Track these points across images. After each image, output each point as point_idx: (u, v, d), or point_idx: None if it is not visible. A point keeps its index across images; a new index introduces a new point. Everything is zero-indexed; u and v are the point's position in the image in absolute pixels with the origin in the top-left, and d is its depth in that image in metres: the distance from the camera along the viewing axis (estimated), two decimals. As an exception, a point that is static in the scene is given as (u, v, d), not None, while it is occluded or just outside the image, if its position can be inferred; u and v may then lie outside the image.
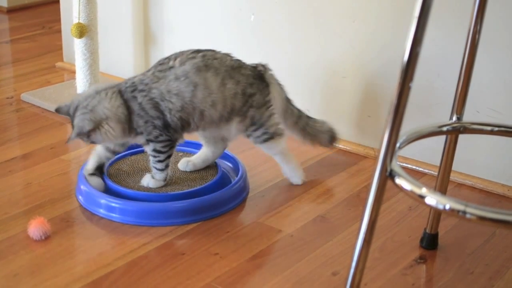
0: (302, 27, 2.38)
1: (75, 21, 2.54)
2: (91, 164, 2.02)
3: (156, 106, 1.92)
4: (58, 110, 1.97)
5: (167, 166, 2.00)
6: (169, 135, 1.95)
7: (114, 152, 2.03)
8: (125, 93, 1.93)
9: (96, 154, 2.02)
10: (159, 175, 2.00)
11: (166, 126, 1.93)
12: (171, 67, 1.94)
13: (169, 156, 1.98)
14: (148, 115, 1.92)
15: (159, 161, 1.98)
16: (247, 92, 1.97)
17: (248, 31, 2.52)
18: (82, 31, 2.53)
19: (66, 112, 1.94)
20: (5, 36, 3.58)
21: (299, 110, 2.14)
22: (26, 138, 2.41)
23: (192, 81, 1.91)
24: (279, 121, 2.06)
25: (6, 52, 3.35)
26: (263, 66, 2.05)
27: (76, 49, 2.61)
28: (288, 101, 2.11)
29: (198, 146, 2.15)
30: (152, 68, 1.98)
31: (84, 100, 1.92)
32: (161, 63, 1.97)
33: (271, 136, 2.03)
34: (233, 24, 2.56)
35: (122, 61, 2.90)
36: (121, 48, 2.90)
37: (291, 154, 2.12)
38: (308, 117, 2.17)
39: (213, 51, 2.00)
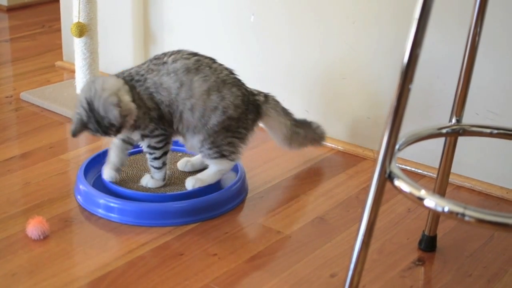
0: (302, 27, 2.38)
1: (75, 20, 2.54)
2: (115, 158, 2.01)
3: (151, 98, 1.91)
4: (75, 133, 1.88)
5: (164, 164, 1.99)
6: (164, 129, 1.94)
7: (130, 143, 2.01)
8: (125, 81, 1.92)
9: (115, 147, 2.01)
10: (158, 174, 2.00)
11: (161, 118, 1.93)
12: (164, 63, 1.93)
13: (165, 153, 1.98)
14: (145, 106, 1.91)
15: (156, 158, 1.97)
16: (228, 112, 1.93)
17: (248, 31, 2.52)
18: (82, 30, 2.53)
19: (82, 125, 1.87)
20: (5, 34, 3.57)
21: (305, 128, 2.15)
22: (25, 137, 2.41)
23: (179, 79, 1.91)
24: (238, 150, 1.99)
25: (6, 51, 3.34)
26: (266, 96, 2.03)
27: (75, 48, 2.61)
28: (294, 125, 2.10)
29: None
30: (148, 61, 1.97)
31: (86, 94, 1.86)
32: (156, 57, 1.97)
33: (221, 156, 1.97)
34: (233, 24, 2.56)
35: (122, 61, 2.90)
36: (120, 48, 2.90)
37: (221, 175, 2.03)
38: (309, 129, 2.18)
39: (213, 60, 1.97)
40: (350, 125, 2.36)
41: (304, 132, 2.16)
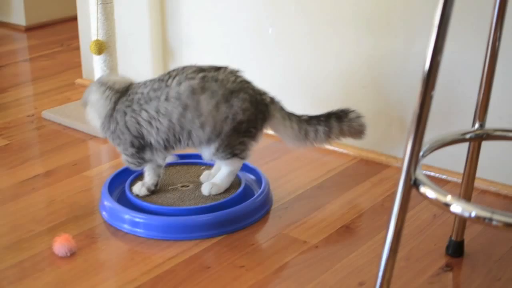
0: (320, 38, 2.38)
1: (94, 38, 2.55)
2: (152, 179, 2.04)
3: (139, 129, 1.95)
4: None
5: (144, 160, 2.03)
6: (141, 157, 1.99)
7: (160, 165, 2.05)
8: (121, 103, 1.97)
9: (149, 168, 2.04)
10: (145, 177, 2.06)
11: (141, 148, 1.96)
12: (167, 86, 1.93)
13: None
14: (129, 133, 1.96)
15: (127, 161, 2.03)
16: (237, 118, 1.93)
17: (267, 43, 2.52)
18: (101, 47, 2.54)
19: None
20: (24, 54, 3.60)
21: (325, 122, 2.03)
22: (48, 155, 2.43)
23: (182, 103, 1.90)
24: (249, 148, 2.00)
25: (26, 70, 3.37)
26: (271, 98, 2.00)
27: (95, 66, 2.62)
28: (305, 124, 2.02)
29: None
30: (151, 83, 1.97)
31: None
32: (160, 78, 1.97)
33: (233, 155, 1.98)
34: (251, 37, 2.56)
35: (141, 77, 2.90)
36: (140, 64, 2.91)
37: (233, 176, 2.06)
38: (340, 121, 2.04)
39: (218, 70, 1.95)
40: (372, 133, 2.35)
41: (325, 125, 2.03)
